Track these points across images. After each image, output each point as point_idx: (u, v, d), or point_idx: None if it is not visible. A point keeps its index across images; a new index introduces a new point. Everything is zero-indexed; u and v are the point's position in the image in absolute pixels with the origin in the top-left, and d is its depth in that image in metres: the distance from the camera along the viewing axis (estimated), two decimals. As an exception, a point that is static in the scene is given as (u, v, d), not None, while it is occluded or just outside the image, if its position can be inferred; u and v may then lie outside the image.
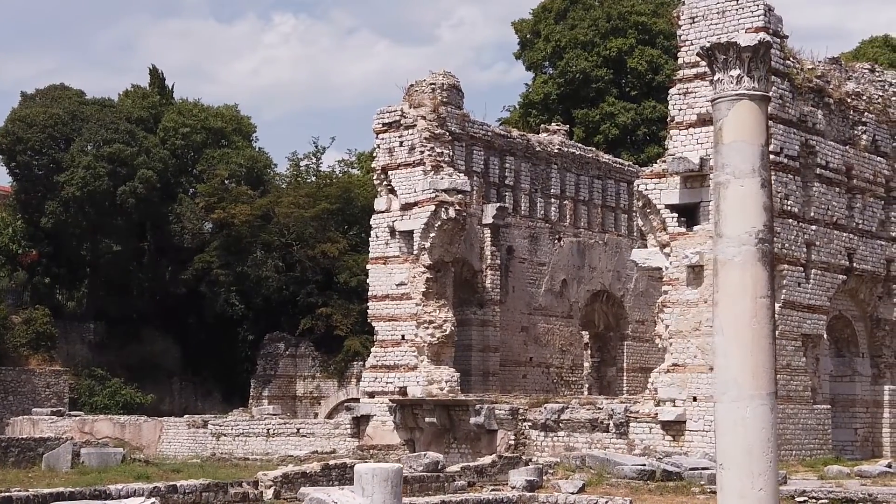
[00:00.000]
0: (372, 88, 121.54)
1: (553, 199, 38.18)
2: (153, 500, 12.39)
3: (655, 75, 54.60)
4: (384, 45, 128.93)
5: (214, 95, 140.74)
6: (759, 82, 9.57)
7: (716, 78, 9.77)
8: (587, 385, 39.54)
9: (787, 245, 26.79)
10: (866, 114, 29.78)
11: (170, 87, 61.19)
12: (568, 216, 38.72)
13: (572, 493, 19.23)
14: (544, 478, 21.28)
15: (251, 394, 50.42)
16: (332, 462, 23.78)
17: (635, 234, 41.05)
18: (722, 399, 9.49)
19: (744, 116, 9.55)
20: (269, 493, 18.29)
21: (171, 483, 16.40)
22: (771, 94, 26.49)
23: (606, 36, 55.47)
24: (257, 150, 61.00)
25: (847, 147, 29.05)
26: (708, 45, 9.74)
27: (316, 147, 59.85)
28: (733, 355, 9.40)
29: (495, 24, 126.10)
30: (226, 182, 55.10)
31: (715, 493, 19.94)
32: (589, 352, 40.64)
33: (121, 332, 54.04)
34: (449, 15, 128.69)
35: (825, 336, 28.51)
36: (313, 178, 58.72)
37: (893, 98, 31.37)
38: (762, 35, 9.48)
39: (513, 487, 20.18)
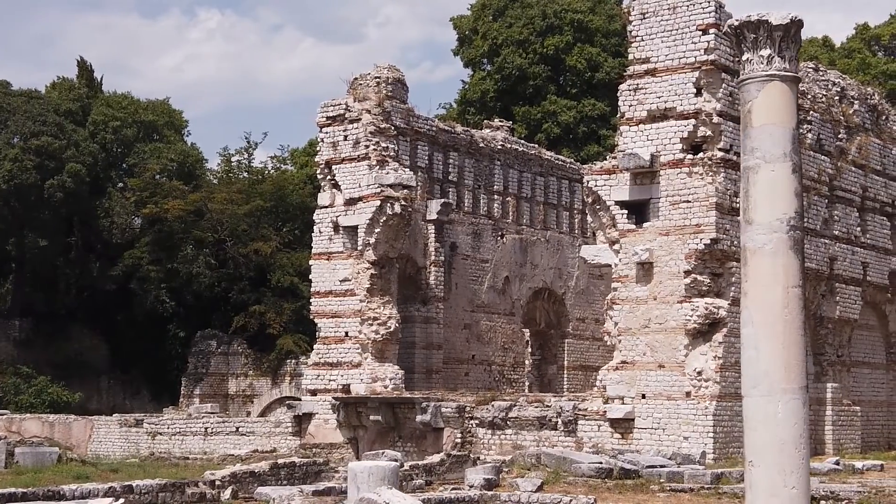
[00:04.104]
0: (298, 86, 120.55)
1: (496, 196, 37.91)
2: (121, 500, 11.84)
3: (595, 73, 54.63)
4: (310, 42, 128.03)
5: (139, 90, 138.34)
6: (789, 63, 9.23)
7: (744, 58, 9.40)
8: (528, 383, 39.34)
9: (734, 242, 26.75)
10: (811, 113, 29.92)
11: (98, 80, 59.89)
12: (511, 213, 38.48)
13: (532, 492, 18.89)
14: (500, 476, 20.96)
15: (182, 392, 49.57)
16: (280, 461, 23.35)
17: (577, 231, 40.99)
18: (751, 393, 9.13)
19: (774, 98, 9.21)
20: (226, 493, 17.74)
21: (128, 483, 15.79)
22: (721, 91, 26.77)
23: (543, 34, 55.39)
24: (189, 144, 60.00)
25: (793, 145, 29.11)
26: (737, 22, 9.41)
27: (248, 142, 59.01)
28: (764, 347, 9.02)
29: (422, 23, 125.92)
30: (157, 177, 54.07)
31: (675, 490, 19.94)
32: (530, 349, 40.44)
33: (47, 329, 52.77)
34: (375, 13, 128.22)
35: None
36: (245, 174, 57.91)
37: (837, 98, 31.58)
38: (794, 13, 9.22)
39: (470, 486, 19.81)
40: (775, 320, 9.03)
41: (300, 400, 34.88)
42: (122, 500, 11.84)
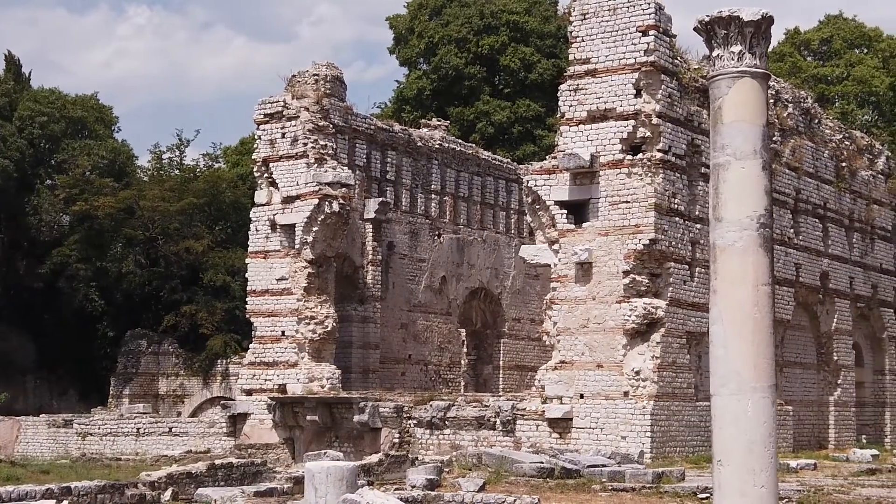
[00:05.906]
0: (229, 84, 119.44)
1: (433, 195, 37.84)
2: (65, 501, 11.51)
3: (529, 73, 54.78)
4: (241, 41, 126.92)
5: (66, 85, 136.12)
6: (760, 59, 9.19)
7: (714, 54, 9.35)
8: (464, 383, 39.30)
9: (673, 243, 26.97)
10: (748, 115, 30.17)
11: (27, 75, 58.76)
12: (448, 212, 38.43)
13: (476, 492, 18.79)
14: (441, 476, 20.83)
15: (111, 392, 48.77)
16: (218, 462, 23.00)
17: (513, 231, 41.03)
18: (720, 392, 9.08)
19: (745, 95, 9.17)
20: (166, 495, 17.41)
21: (65, 485, 15.41)
22: (660, 92, 26.90)
23: (479, 33, 55.46)
24: (120, 141, 59.09)
25: (730, 147, 29.35)
26: (707, 18, 9.35)
27: (180, 140, 58.18)
28: (733, 346, 8.98)
29: (355, 22, 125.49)
30: (87, 174, 53.13)
31: (616, 490, 19.97)
32: (466, 349, 40.40)
33: (-28, 327, 51.65)
34: (308, 12, 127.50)
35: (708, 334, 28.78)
36: (177, 172, 57.15)
37: (772, 100, 31.93)
38: (765, 10, 9.19)
39: (412, 486, 19.65)
40: (745, 319, 9.00)
41: (233, 400, 34.48)
42: (66, 502, 11.53)
